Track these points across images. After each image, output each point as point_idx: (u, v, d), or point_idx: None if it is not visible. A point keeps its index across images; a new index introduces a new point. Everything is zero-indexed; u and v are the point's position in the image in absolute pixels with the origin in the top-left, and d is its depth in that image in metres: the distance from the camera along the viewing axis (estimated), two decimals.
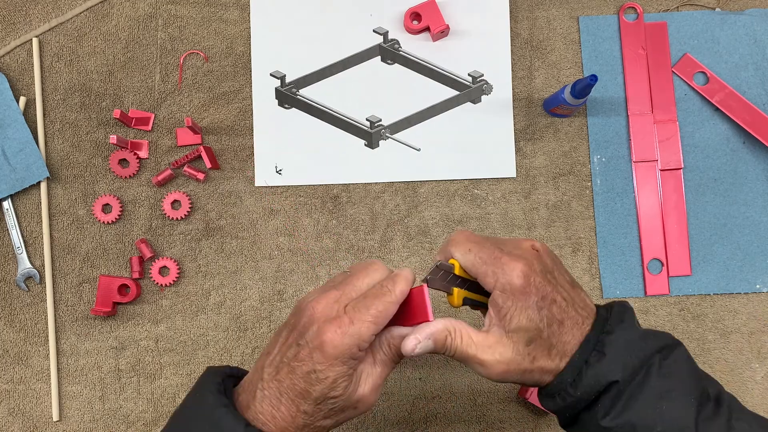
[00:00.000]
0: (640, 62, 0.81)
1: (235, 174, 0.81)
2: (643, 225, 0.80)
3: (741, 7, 0.82)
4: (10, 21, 0.82)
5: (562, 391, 0.51)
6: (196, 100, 0.82)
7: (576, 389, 0.50)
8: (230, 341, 0.80)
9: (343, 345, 0.48)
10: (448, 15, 0.81)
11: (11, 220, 0.80)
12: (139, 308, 0.80)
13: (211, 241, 0.80)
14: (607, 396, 0.49)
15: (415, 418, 0.79)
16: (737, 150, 0.81)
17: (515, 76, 0.82)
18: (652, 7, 0.82)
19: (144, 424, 0.79)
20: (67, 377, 0.80)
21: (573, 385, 0.50)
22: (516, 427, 0.79)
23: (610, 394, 0.49)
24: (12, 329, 0.80)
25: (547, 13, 0.82)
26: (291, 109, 0.82)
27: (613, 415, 0.49)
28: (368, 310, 0.49)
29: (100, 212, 0.80)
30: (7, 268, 0.80)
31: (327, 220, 0.81)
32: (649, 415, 0.48)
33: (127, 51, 0.82)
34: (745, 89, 0.81)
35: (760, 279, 0.79)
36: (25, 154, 0.80)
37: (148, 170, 0.81)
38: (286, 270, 0.80)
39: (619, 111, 0.81)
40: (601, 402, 0.50)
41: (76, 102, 0.82)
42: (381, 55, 0.82)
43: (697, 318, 0.79)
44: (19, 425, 0.79)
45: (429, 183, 0.81)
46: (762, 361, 0.79)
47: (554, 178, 0.81)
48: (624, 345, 0.50)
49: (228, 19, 0.82)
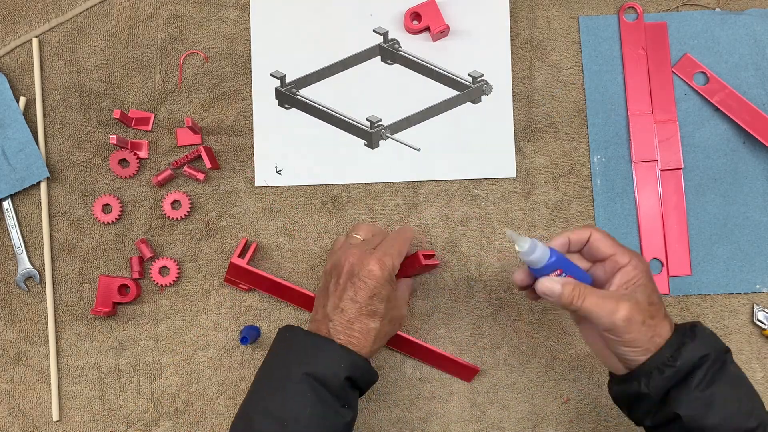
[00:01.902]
0: (640, 62, 0.81)
1: (235, 174, 0.81)
2: (643, 225, 0.80)
3: (741, 7, 0.82)
4: (10, 21, 0.82)
5: (661, 364, 0.58)
6: (196, 100, 0.82)
7: (676, 361, 0.58)
8: (230, 341, 0.80)
9: (385, 270, 0.66)
10: (448, 15, 0.81)
11: (11, 220, 0.80)
12: (139, 308, 0.80)
13: (211, 241, 0.80)
14: (700, 370, 0.58)
15: (415, 418, 0.79)
16: (737, 150, 0.81)
17: (515, 76, 0.82)
18: (652, 7, 0.82)
19: (144, 424, 0.79)
20: (67, 377, 0.80)
21: (672, 359, 0.58)
22: (516, 427, 0.79)
23: (703, 369, 0.58)
24: (12, 329, 0.80)
25: (547, 13, 0.82)
26: (291, 109, 0.82)
27: (703, 386, 0.58)
28: (394, 247, 0.68)
29: (100, 212, 0.80)
30: (7, 268, 0.80)
31: (327, 220, 0.81)
32: (729, 392, 0.59)
33: (127, 51, 0.82)
34: (745, 89, 0.81)
35: (760, 279, 0.79)
36: (25, 154, 0.80)
37: (148, 170, 0.81)
38: (286, 270, 0.80)
39: (619, 111, 0.81)
40: (695, 375, 0.58)
41: (76, 102, 0.82)
42: (381, 55, 0.82)
43: (697, 318, 0.79)
44: (19, 425, 0.79)
45: (429, 183, 0.81)
46: (762, 361, 0.79)
47: (554, 178, 0.81)
48: (709, 334, 0.61)
49: (228, 19, 0.82)
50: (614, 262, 0.61)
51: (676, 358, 0.58)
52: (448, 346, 0.79)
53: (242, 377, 0.79)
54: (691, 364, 0.58)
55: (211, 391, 0.79)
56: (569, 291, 0.59)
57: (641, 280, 0.60)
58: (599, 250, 0.62)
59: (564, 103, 0.81)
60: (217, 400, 0.79)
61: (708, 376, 0.58)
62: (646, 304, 0.59)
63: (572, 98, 0.82)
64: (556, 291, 0.59)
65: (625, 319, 0.58)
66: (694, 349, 0.58)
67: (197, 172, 0.80)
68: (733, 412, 0.58)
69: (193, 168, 0.80)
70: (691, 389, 0.58)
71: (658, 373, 0.59)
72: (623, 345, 0.59)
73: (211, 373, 0.79)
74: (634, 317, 0.58)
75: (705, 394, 0.58)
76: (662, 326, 0.60)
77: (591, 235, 0.62)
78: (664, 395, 0.59)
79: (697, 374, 0.58)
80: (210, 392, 0.79)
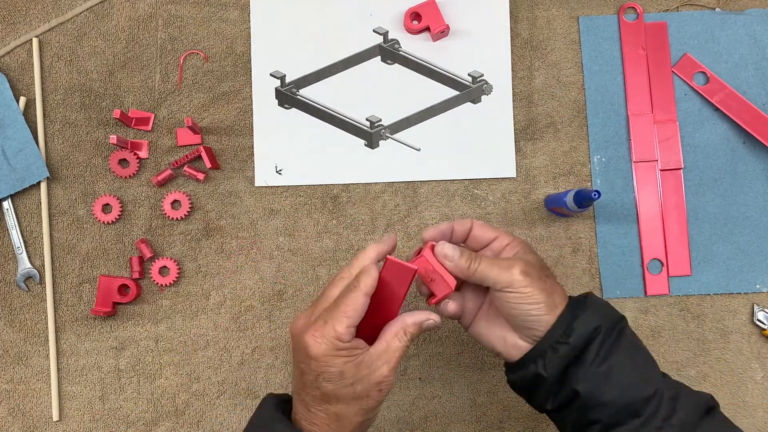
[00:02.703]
0: (640, 62, 0.81)
1: (235, 174, 0.81)
2: (643, 225, 0.80)
3: (741, 7, 0.82)
4: (10, 21, 0.82)
5: (555, 343, 0.58)
6: (196, 100, 0.82)
7: (569, 338, 0.57)
8: (230, 341, 0.80)
9: (323, 343, 0.55)
10: (448, 15, 0.81)
11: (11, 220, 0.80)
12: (139, 308, 0.80)
13: (211, 241, 0.80)
14: (594, 343, 0.58)
15: (415, 418, 0.79)
16: (737, 150, 0.81)
17: (515, 76, 0.82)
18: (652, 7, 0.82)
19: (144, 424, 0.79)
20: (67, 377, 0.80)
21: (565, 335, 0.58)
22: (516, 427, 0.79)
23: (597, 341, 0.58)
24: (12, 329, 0.80)
25: (547, 13, 0.82)
26: (291, 109, 0.82)
27: (598, 361, 0.57)
28: (338, 308, 0.56)
29: (100, 212, 0.80)
30: (7, 268, 0.80)
31: (327, 220, 0.81)
32: (626, 363, 0.58)
33: (127, 51, 0.82)
34: (745, 89, 0.81)
35: (760, 279, 0.79)
36: (25, 154, 0.80)
37: (148, 170, 0.81)
38: (286, 270, 0.80)
39: (619, 111, 0.81)
40: (589, 350, 0.58)
41: (76, 102, 0.82)
42: (381, 55, 0.82)
43: (697, 318, 0.79)
44: (19, 425, 0.79)
45: (429, 183, 0.81)
46: (762, 361, 0.79)
47: (554, 178, 0.81)
48: (601, 305, 0.60)
49: (228, 19, 0.82)
50: (498, 243, 0.63)
51: (569, 334, 0.57)
52: (448, 346, 0.79)
53: (242, 377, 0.79)
54: (584, 339, 0.57)
55: (211, 391, 0.79)
56: (467, 256, 0.60)
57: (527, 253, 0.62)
58: (482, 237, 0.64)
59: (564, 103, 0.81)
60: (217, 400, 0.79)
61: (603, 350, 0.58)
62: (537, 265, 0.60)
63: (572, 98, 0.82)
64: (456, 254, 0.60)
65: (522, 272, 0.58)
66: (587, 322, 0.58)
67: (197, 172, 0.80)
68: (630, 382, 0.57)
69: (193, 168, 0.80)
70: (587, 365, 0.57)
71: (553, 351, 0.58)
72: (526, 301, 0.58)
73: (211, 373, 0.79)
74: (531, 272, 0.59)
75: (601, 368, 0.57)
76: (558, 291, 0.60)
77: (472, 224, 0.64)
78: (562, 375, 0.59)
79: (591, 349, 0.58)
80: (210, 392, 0.79)
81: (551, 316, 0.58)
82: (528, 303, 0.58)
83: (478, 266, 0.59)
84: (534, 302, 0.58)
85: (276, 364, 0.80)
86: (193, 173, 0.80)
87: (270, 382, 0.79)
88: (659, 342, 0.79)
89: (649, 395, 0.57)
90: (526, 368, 0.60)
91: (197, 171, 0.80)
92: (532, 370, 0.59)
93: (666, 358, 0.79)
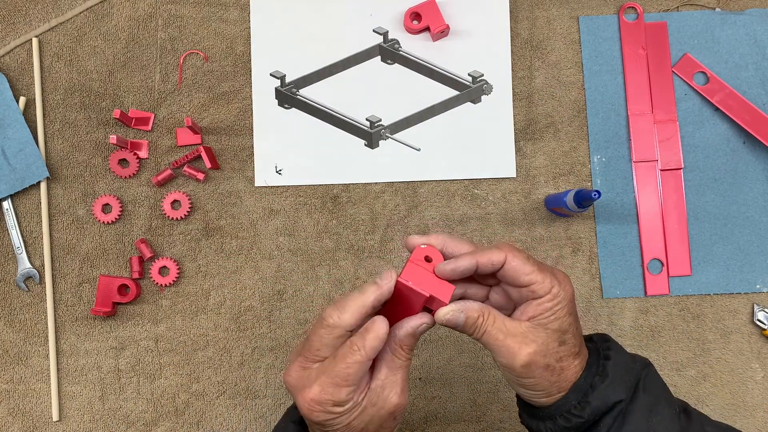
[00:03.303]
0: (640, 62, 0.81)
1: (235, 174, 0.81)
2: (643, 225, 0.80)
3: (741, 7, 0.82)
4: (10, 21, 0.82)
5: (567, 412, 0.53)
6: (196, 100, 0.82)
7: (583, 410, 0.52)
8: (230, 341, 0.80)
9: (322, 411, 0.50)
10: (448, 15, 0.81)
11: (11, 220, 0.80)
12: (139, 308, 0.80)
13: (211, 241, 0.80)
14: (609, 416, 0.52)
15: (415, 418, 0.79)
16: (737, 150, 0.81)
17: (515, 76, 0.82)
18: (652, 7, 0.82)
19: (144, 424, 0.79)
20: (67, 377, 0.80)
21: (579, 407, 0.52)
22: (516, 427, 0.79)
23: (613, 414, 0.52)
24: (12, 329, 0.80)
25: (547, 13, 0.82)
26: (291, 109, 0.82)
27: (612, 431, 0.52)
28: (337, 374, 0.50)
29: (100, 212, 0.80)
30: (7, 268, 0.80)
31: (327, 220, 0.81)
32: (642, 428, 0.52)
33: (127, 51, 0.82)
34: (745, 89, 0.81)
35: (760, 279, 0.79)
36: (25, 154, 0.80)
37: (148, 170, 0.81)
38: (286, 270, 0.80)
39: (619, 111, 0.81)
40: (603, 422, 0.52)
41: (76, 102, 0.82)
42: (381, 55, 0.82)
43: (697, 318, 0.79)
44: (19, 425, 0.79)
45: (429, 183, 0.81)
46: (762, 361, 0.79)
47: (554, 178, 0.81)
48: (622, 367, 0.54)
49: (228, 19, 0.82)
50: (531, 291, 0.53)
51: (584, 407, 0.52)
52: (448, 346, 0.79)
53: (242, 377, 0.79)
54: (600, 413, 0.52)
55: (211, 391, 0.79)
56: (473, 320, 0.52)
57: (558, 313, 0.53)
58: (515, 279, 0.53)
59: (564, 103, 0.81)
60: (217, 400, 0.79)
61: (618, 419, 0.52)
62: (555, 344, 0.52)
63: (572, 98, 0.82)
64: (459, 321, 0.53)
65: (524, 365, 0.52)
66: (605, 396, 0.52)
67: (197, 172, 0.80)
68: None
69: (193, 168, 0.80)
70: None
71: (564, 421, 0.53)
72: (521, 386, 0.54)
73: (211, 373, 0.79)
74: (537, 362, 0.52)
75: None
76: (570, 368, 0.53)
77: (506, 260, 0.53)
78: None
79: (606, 420, 0.52)
80: (210, 392, 0.79)
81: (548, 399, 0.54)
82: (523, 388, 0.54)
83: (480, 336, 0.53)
84: (531, 390, 0.54)
85: (276, 364, 0.80)
86: (193, 173, 0.80)
87: (270, 382, 0.79)
88: (659, 342, 0.79)
89: None
90: (534, 422, 0.56)
91: (197, 171, 0.80)
92: (540, 429, 0.55)
93: (666, 358, 0.79)
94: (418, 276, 0.52)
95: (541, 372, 0.52)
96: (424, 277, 0.52)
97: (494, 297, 0.57)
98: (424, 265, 0.53)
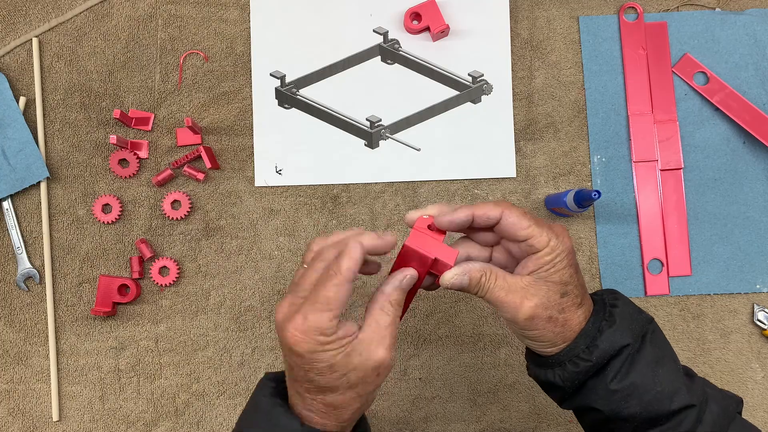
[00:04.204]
0: (640, 62, 0.81)
1: (235, 174, 0.81)
2: (643, 225, 0.80)
3: (741, 7, 0.82)
4: (10, 21, 0.82)
5: (575, 357, 0.55)
6: (196, 100, 0.82)
7: (591, 354, 0.54)
8: (230, 341, 0.80)
9: (306, 342, 0.50)
10: (448, 15, 0.81)
11: (11, 220, 0.80)
12: (139, 308, 0.80)
13: (211, 241, 0.80)
14: (617, 360, 0.54)
15: (415, 418, 0.79)
16: (737, 150, 0.81)
17: (515, 76, 0.82)
18: (652, 7, 0.82)
19: (144, 424, 0.79)
20: (67, 377, 0.80)
21: (587, 351, 0.54)
22: (516, 427, 0.79)
23: (620, 358, 0.54)
24: (12, 329, 0.80)
25: (547, 13, 0.82)
26: (291, 109, 0.82)
27: (619, 377, 0.54)
28: (318, 300, 0.50)
29: (100, 212, 0.80)
30: (7, 268, 0.80)
31: (327, 220, 0.81)
32: (648, 377, 0.54)
33: (127, 51, 0.82)
34: (745, 89, 0.81)
35: (760, 279, 0.79)
36: (25, 154, 0.80)
37: (148, 170, 0.81)
38: (286, 270, 0.80)
39: (619, 111, 0.81)
40: (611, 366, 0.54)
41: (76, 102, 0.82)
42: (381, 55, 0.82)
43: (697, 318, 0.79)
44: (19, 425, 0.79)
45: (429, 183, 0.81)
46: (762, 361, 0.79)
47: (554, 178, 0.81)
48: (628, 315, 0.56)
49: (228, 19, 0.82)
50: (529, 246, 0.54)
51: (592, 351, 0.54)
52: (448, 346, 0.79)
53: (242, 377, 0.79)
54: (608, 356, 0.54)
55: (211, 391, 0.79)
56: (476, 281, 0.54)
57: (558, 265, 0.54)
58: (513, 234, 0.54)
59: (564, 103, 0.81)
60: (217, 400, 0.79)
61: (625, 365, 0.54)
62: (557, 296, 0.54)
63: (572, 98, 0.82)
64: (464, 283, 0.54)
65: (527, 318, 0.53)
66: (613, 340, 0.54)
67: (197, 172, 0.80)
68: (653, 399, 0.54)
69: (193, 168, 0.80)
70: (607, 380, 0.54)
71: (573, 365, 0.55)
72: (526, 338, 0.56)
73: (211, 373, 0.79)
74: (539, 314, 0.53)
75: (622, 384, 0.54)
76: (574, 319, 0.55)
77: (503, 215, 0.54)
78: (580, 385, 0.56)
79: (614, 364, 0.54)
80: (210, 392, 0.79)
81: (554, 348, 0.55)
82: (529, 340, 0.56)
83: (485, 295, 0.54)
84: (536, 341, 0.55)
85: (276, 364, 0.80)
86: (193, 173, 0.80)
87: None
88: None
89: (674, 410, 0.54)
90: (543, 371, 0.57)
91: (197, 171, 0.80)
92: (548, 377, 0.56)
93: None
94: (423, 242, 0.55)
95: (544, 324, 0.54)
96: (428, 242, 0.55)
97: (496, 256, 0.58)
98: (427, 232, 0.56)
